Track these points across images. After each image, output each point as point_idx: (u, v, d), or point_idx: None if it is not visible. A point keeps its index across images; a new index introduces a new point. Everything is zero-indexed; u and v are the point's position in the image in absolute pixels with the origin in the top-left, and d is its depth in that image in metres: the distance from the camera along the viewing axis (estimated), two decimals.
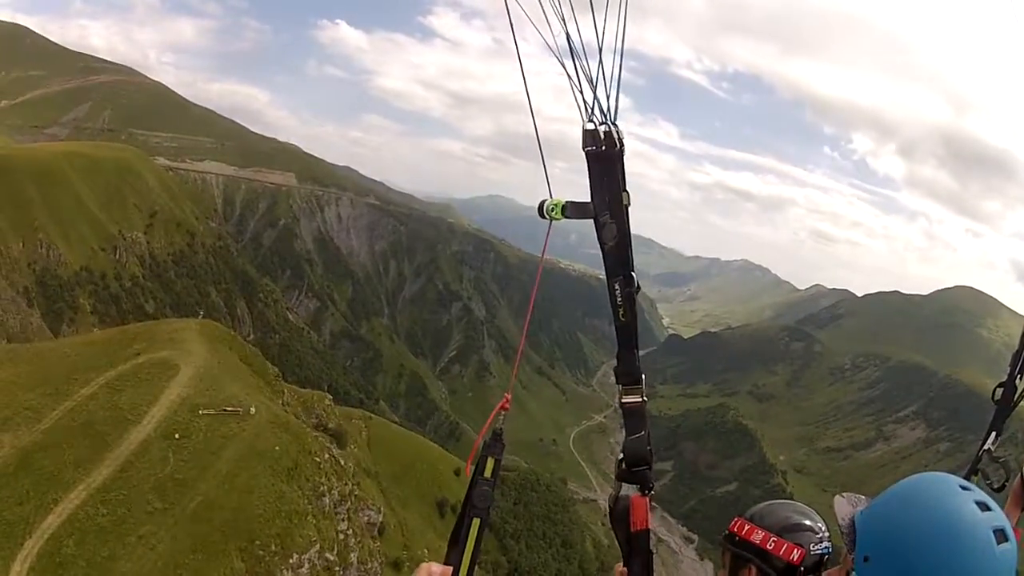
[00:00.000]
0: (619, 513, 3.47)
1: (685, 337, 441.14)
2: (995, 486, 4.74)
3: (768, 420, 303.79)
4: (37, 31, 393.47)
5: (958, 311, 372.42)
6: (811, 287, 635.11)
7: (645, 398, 3.24)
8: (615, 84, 2.82)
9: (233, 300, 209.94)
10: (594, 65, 2.78)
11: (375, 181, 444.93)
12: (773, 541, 3.62)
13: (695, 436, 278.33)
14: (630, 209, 2.93)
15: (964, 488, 2.55)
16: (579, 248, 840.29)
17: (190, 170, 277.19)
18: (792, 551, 3.58)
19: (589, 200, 2.88)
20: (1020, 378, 5.22)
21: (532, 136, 2.81)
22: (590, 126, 2.82)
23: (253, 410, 64.44)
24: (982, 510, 2.45)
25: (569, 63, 2.73)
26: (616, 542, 3.59)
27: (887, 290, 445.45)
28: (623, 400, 3.23)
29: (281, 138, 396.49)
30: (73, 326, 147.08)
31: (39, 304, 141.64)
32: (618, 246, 2.91)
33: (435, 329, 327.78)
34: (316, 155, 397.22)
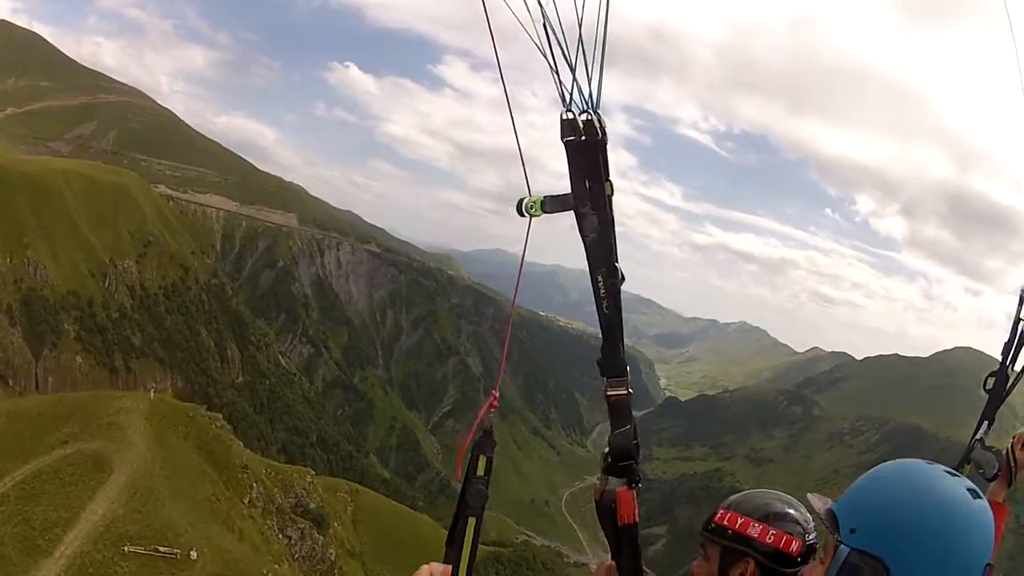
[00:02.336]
0: (605, 507, 3.39)
1: (682, 399, 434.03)
2: (987, 476, 4.93)
3: (765, 484, 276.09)
4: (51, 41, 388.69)
5: (959, 372, 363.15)
6: (809, 350, 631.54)
7: (630, 390, 3.15)
8: (597, 69, 2.63)
9: (224, 340, 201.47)
10: (573, 47, 2.61)
11: (377, 228, 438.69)
12: (772, 534, 3.46)
13: (691, 501, 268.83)
14: (613, 199, 2.83)
15: (930, 463, 2.70)
16: (580, 307, 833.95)
17: (191, 202, 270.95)
18: (791, 543, 3.43)
19: (569, 193, 2.78)
20: (1011, 367, 5.38)
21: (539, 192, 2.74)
22: (569, 115, 2.68)
23: (194, 555, 49.45)
24: (952, 476, 2.61)
25: (546, 45, 2.58)
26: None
27: (886, 353, 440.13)
28: (608, 393, 3.15)
29: (286, 177, 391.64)
30: (55, 351, 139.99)
31: (22, 324, 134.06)
32: (600, 237, 2.83)
33: (430, 383, 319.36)
34: (320, 197, 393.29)
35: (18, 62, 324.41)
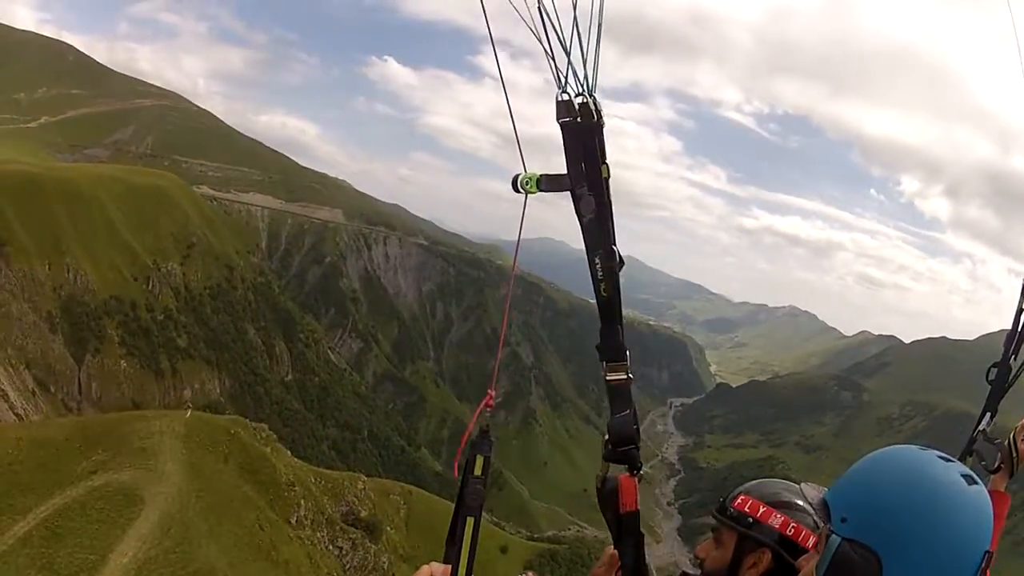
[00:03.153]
0: (607, 495, 3.39)
1: (733, 385, 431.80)
2: (990, 468, 4.88)
3: (815, 472, 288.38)
4: (83, 50, 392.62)
5: None
6: (858, 333, 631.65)
7: (630, 375, 3.16)
8: (594, 51, 2.63)
9: (272, 338, 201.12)
10: (568, 28, 2.59)
11: (424, 220, 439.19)
12: (793, 527, 3.39)
13: None
14: (610, 182, 2.82)
15: (923, 449, 2.65)
16: (630, 293, 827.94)
17: (235, 201, 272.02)
18: (809, 537, 3.33)
19: (565, 173, 2.79)
20: (1014, 358, 5.35)
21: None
22: (564, 97, 2.69)
23: None
24: (945, 462, 2.55)
25: (540, 26, 2.56)
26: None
27: (934, 336, 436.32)
28: (608, 378, 3.15)
29: (331, 173, 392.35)
30: (99, 356, 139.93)
31: (63, 331, 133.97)
32: (597, 219, 2.82)
33: (481, 374, 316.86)
34: (365, 191, 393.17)
35: (48, 71, 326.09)
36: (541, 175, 2.81)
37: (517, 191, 2.85)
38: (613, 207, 2.85)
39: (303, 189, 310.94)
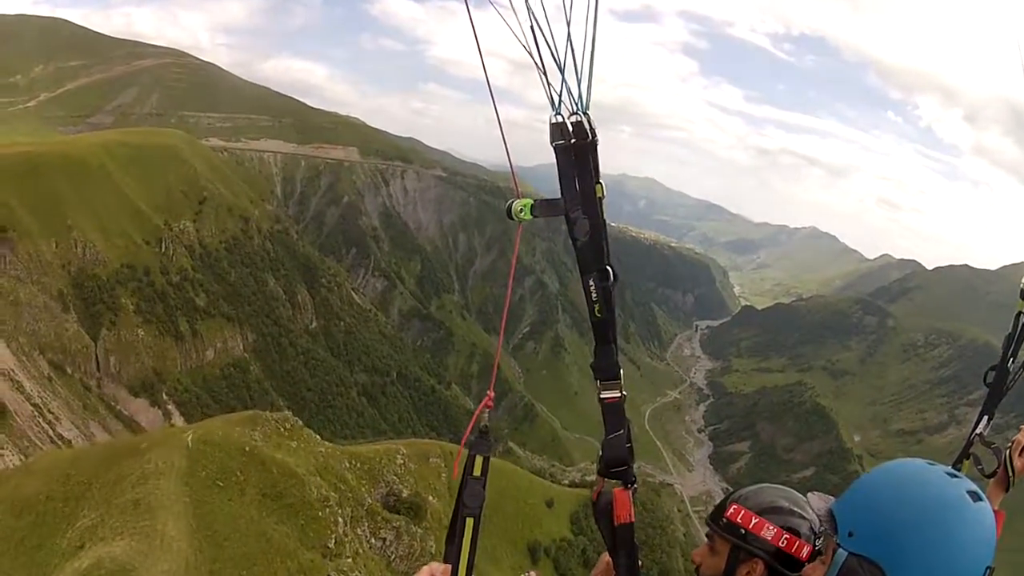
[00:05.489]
0: (602, 507, 3.58)
1: (758, 308, 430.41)
2: (987, 472, 4.94)
3: (843, 397, 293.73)
4: (79, 23, 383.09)
5: None
6: (879, 256, 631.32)
7: (624, 393, 3.25)
8: (586, 71, 2.63)
9: (293, 287, 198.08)
10: (562, 50, 2.62)
11: (440, 151, 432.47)
12: (786, 538, 3.41)
13: (772, 416, 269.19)
14: (604, 202, 2.86)
15: (931, 464, 2.68)
16: (649, 215, 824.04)
17: (246, 150, 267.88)
18: (803, 548, 3.39)
19: (560, 197, 2.82)
20: (1012, 361, 5.38)
21: (595, 102, 2.68)
22: (558, 119, 2.71)
23: None
24: (951, 477, 2.58)
25: (535, 48, 2.60)
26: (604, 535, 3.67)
27: (956, 264, 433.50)
28: (602, 396, 3.26)
29: (342, 112, 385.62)
30: (114, 329, 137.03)
31: (76, 308, 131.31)
32: (591, 241, 2.83)
33: None
34: (379, 127, 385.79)
35: (44, 49, 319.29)
36: (536, 201, 2.81)
37: (511, 219, 2.84)
38: (608, 227, 2.84)
39: (315, 130, 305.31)
